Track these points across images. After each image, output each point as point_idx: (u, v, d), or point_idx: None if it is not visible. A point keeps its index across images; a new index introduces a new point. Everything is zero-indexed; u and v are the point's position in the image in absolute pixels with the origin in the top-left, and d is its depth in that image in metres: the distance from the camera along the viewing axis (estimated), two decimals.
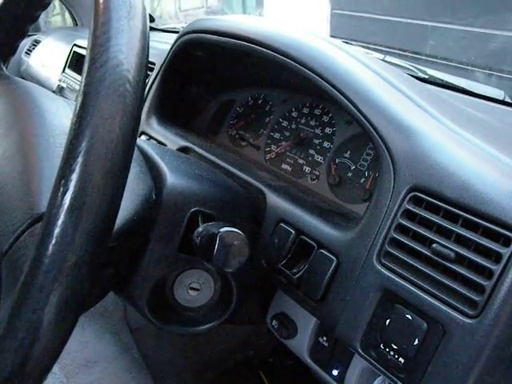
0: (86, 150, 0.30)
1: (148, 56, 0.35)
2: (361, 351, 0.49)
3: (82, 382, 0.94)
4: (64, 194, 0.30)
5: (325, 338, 0.63)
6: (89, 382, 0.95)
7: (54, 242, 0.30)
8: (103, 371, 0.99)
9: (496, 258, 0.41)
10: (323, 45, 0.60)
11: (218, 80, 0.89)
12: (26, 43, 1.88)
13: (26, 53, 1.85)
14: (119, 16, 0.33)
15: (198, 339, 1.17)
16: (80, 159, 0.30)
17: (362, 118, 0.53)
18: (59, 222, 0.30)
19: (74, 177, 0.30)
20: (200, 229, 0.50)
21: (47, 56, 1.69)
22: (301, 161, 0.75)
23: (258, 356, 1.26)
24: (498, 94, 0.87)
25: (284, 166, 0.77)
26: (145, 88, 0.34)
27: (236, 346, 1.24)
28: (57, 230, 0.30)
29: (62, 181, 0.30)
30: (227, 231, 0.46)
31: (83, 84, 0.31)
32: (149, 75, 0.93)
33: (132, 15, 0.34)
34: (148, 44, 0.35)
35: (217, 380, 1.23)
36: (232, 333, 1.21)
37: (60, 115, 0.53)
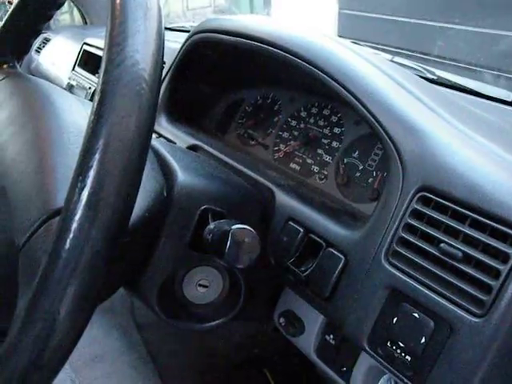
0: (103, 148, 0.31)
1: (163, 56, 0.35)
2: (368, 349, 0.50)
3: (89, 376, 0.95)
4: (81, 189, 0.31)
5: (331, 336, 0.63)
6: (96, 376, 0.97)
7: (71, 236, 0.30)
8: (110, 366, 1.00)
9: (503, 258, 0.42)
10: (333, 45, 0.61)
11: (228, 79, 0.90)
12: (36, 41, 1.89)
13: (36, 51, 1.86)
14: (136, 17, 0.34)
15: (204, 336, 1.18)
16: (97, 156, 0.31)
17: (371, 118, 0.53)
18: (77, 217, 0.30)
19: (92, 173, 0.31)
20: (211, 226, 0.51)
21: (57, 54, 1.70)
22: (309, 160, 0.76)
23: (264, 354, 1.27)
24: (507, 95, 0.87)
25: (292, 166, 0.78)
26: (160, 86, 0.35)
27: (242, 343, 1.25)
28: (74, 225, 0.30)
29: (80, 177, 0.31)
30: (239, 228, 0.47)
31: (100, 83, 0.32)
32: None
33: (148, 16, 0.34)
34: (163, 44, 0.36)
35: (222, 377, 1.24)
36: (238, 330, 1.22)
37: (73, 112, 0.54)
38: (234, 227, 0.47)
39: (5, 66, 0.66)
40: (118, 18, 0.34)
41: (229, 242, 0.46)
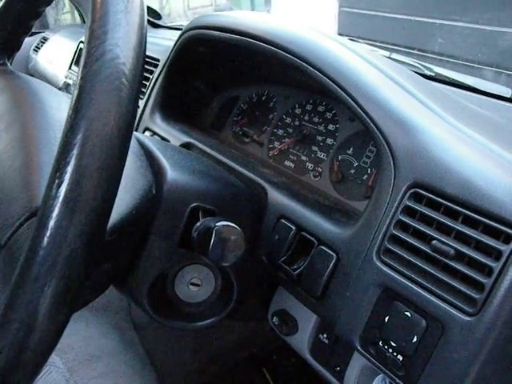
0: (81, 143, 0.30)
1: (145, 50, 0.35)
2: (360, 348, 0.49)
3: (85, 376, 0.94)
4: (59, 186, 0.30)
5: (325, 335, 0.63)
6: (92, 376, 0.96)
7: (48, 233, 0.30)
8: (107, 366, 1.00)
9: (496, 255, 0.41)
10: (325, 41, 0.60)
11: (222, 76, 0.89)
12: (34, 40, 1.89)
13: (34, 50, 1.86)
14: (116, 10, 0.33)
15: (201, 336, 1.18)
16: (75, 152, 0.30)
17: (362, 113, 0.52)
18: (54, 214, 0.30)
19: (69, 169, 0.30)
20: (198, 223, 0.50)
21: (54, 53, 1.70)
22: (304, 157, 0.75)
23: (262, 353, 1.26)
24: (506, 91, 0.86)
25: (287, 163, 0.77)
26: (141, 82, 0.34)
27: (240, 342, 1.24)
28: (51, 222, 0.30)
29: (57, 173, 0.30)
30: (223, 225, 0.46)
31: (79, 77, 0.31)
32: (153, 72, 0.93)
33: (129, 9, 0.34)
34: (145, 38, 0.35)
35: (220, 376, 1.23)
36: (236, 330, 1.21)
37: (62, 110, 0.53)
38: (218, 224, 0.46)
39: None
40: (98, 10, 0.33)
41: (212, 240, 0.45)
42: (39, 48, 1.83)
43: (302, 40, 0.60)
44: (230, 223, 0.46)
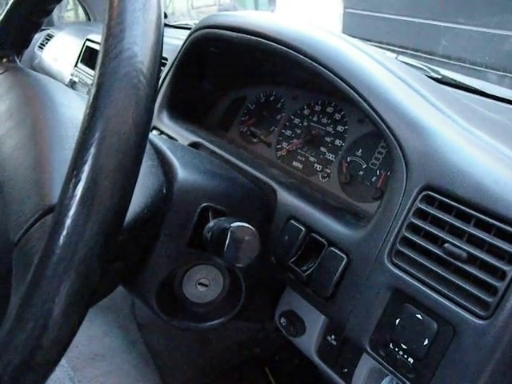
0: (99, 142, 0.30)
1: (162, 48, 0.34)
2: (369, 350, 0.49)
3: (89, 375, 0.94)
4: (76, 184, 0.30)
5: (333, 337, 0.63)
6: (96, 375, 0.96)
7: (65, 232, 0.30)
8: (110, 365, 1.00)
9: (510, 258, 0.41)
10: (337, 41, 0.60)
11: (230, 76, 0.89)
12: (39, 37, 1.89)
13: (39, 47, 1.86)
14: (134, 8, 0.33)
15: (204, 336, 1.17)
16: (92, 150, 0.30)
17: (375, 115, 0.52)
18: (70, 213, 0.30)
19: (86, 168, 0.30)
20: (211, 224, 0.50)
21: (60, 50, 1.70)
22: (312, 158, 0.75)
23: (265, 354, 1.26)
24: None
25: (295, 164, 0.77)
26: (158, 80, 0.34)
27: (243, 343, 1.24)
28: (68, 221, 0.30)
29: (74, 172, 0.30)
30: (238, 226, 0.46)
31: (97, 75, 0.31)
32: (161, 70, 0.93)
33: (147, 7, 0.33)
34: (162, 36, 0.35)
35: (223, 376, 1.23)
36: (239, 330, 1.21)
37: (72, 108, 0.53)
38: (233, 225, 0.46)
39: (4, 60, 0.65)
40: (115, 8, 0.33)
41: (227, 241, 0.45)
42: (44, 45, 1.83)
43: (312, 40, 0.60)
44: (245, 224, 0.46)
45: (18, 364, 0.32)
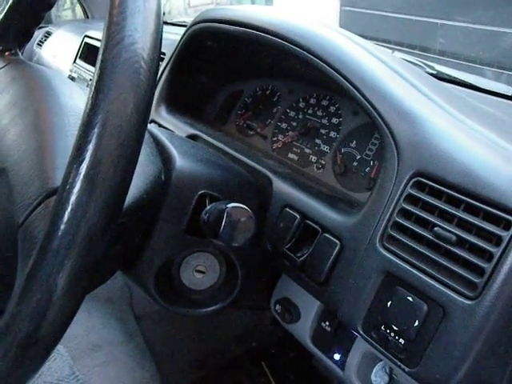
0: (102, 122, 0.31)
1: (162, 36, 0.36)
2: (362, 333, 0.50)
3: (88, 364, 0.95)
4: (80, 163, 0.31)
5: (327, 323, 0.64)
6: (94, 365, 0.97)
7: (69, 208, 0.31)
8: (108, 355, 1.01)
9: (496, 241, 0.42)
10: (331, 34, 0.61)
11: (227, 70, 0.91)
12: (37, 35, 1.90)
13: (38, 44, 1.87)
14: None
15: (201, 328, 1.19)
16: (96, 130, 0.31)
17: (367, 104, 0.54)
18: (75, 190, 0.31)
19: (90, 147, 0.31)
20: (208, 207, 0.51)
21: (59, 47, 1.71)
22: (307, 150, 0.76)
23: (261, 347, 1.28)
24: (507, 89, 0.87)
25: (290, 156, 0.78)
26: (158, 66, 0.36)
27: (239, 336, 1.25)
28: (72, 198, 0.31)
29: (79, 151, 0.31)
30: (234, 207, 0.47)
31: (100, 60, 0.33)
32: (160, 64, 0.94)
33: None
34: (162, 25, 0.36)
35: (219, 369, 1.24)
36: (235, 323, 1.22)
37: (74, 98, 0.54)
38: (229, 206, 0.47)
39: (7, 53, 0.66)
40: None
41: (224, 221, 0.47)
42: (43, 42, 1.84)
43: (308, 33, 0.61)
44: (241, 205, 0.48)
45: (24, 337, 0.33)
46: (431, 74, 0.89)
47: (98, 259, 0.33)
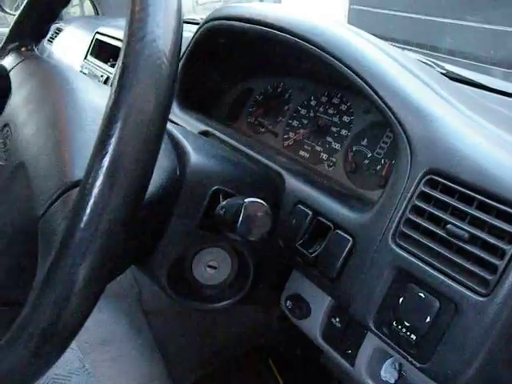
0: (125, 117, 0.32)
1: (182, 32, 0.36)
2: (374, 329, 0.51)
3: (97, 359, 0.96)
4: (103, 157, 0.32)
5: (337, 319, 0.64)
6: (103, 359, 0.98)
7: (92, 201, 0.32)
8: (117, 351, 1.02)
9: (509, 238, 0.42)
10: (344, 31, 0.62)
11: (239, 68, 0.91)
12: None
13: (49, 41, 1.88)
14: None
15: (209, 325, 1.19)
16: (119, 125, 0.32)
17: (380, 102, 0.54)
18: (98, 183, 0.32)
19: (113, 141, 0.32)
20: (224, 202, 0.52)
21: (69, 43, 1.72)
22: (318, 148, 0.77)
23: (268, 344, 1.28)
24: None
25: (301, 153, 0.79)
26: (179, 62, 0.36)
27: (247, 333, 1.26)
28: (95, 191, 0.32)
29: (101, 144, 0.32)
30: (252, 201, 0.48)
31: (123, 55, 0.33)
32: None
33: None
34: (182, 22, 0.37)
35: (226, 366, 1.25)
36: (243, 320, 1.23)
37: (90, 92, 0.55)
38: (246, 200, 0.48)
39: (23, 48, 0.67)
40: None
41: (241, 215, 0.47)
42: (53, 39, 1.85)
43: (321, 30, 0.62)
44: (259, 200, 0.48)
45: (45, 327, 0.34)
46: (442, 74, 0.89)
47: (118, 252, 0.34)
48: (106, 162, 0.32)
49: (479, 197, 0.45)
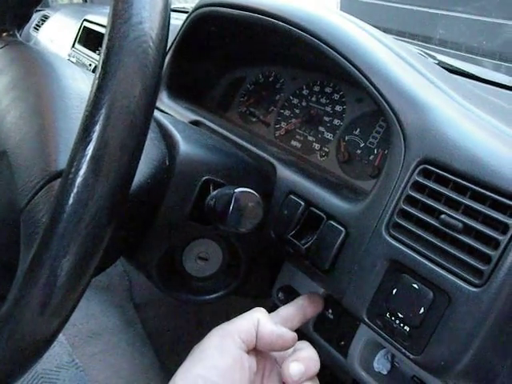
0: (110, 103, 0.31)
1: (170, 15, 0.35)
2: (367, 320, 0.50)
3: (87, 352, 0.95)
4: (87, 144, 0.30)
5: (330, 311, 0.64)
6: (93, 352, 0.97)
7: (75, 190, 0.30)
8: (107, 343, 1.01)
9: (503, 229, 0.42)
10: (338, 19, 0.60)
11: (230, 56, 0.90)
12: (34, 18, 1.87)
13: (35, 28, 1.84)
14: None
15: (201, 316, 1.19)
16: (103, 111, 0.30)
17: (374, 91, 0.53)
18: (81, 172, 0.30)
19: (97, 128, 0.30)
20: (214, 192, 0.51)
21: (56, 31, 1.69)
22: (310, 138, 0.76)
23: None
24: (508, 80, 0.87)
25: (293, 143, 0.78)
26: (166, 46, 0.35)
27: None
28: (79, 180, 0.30)
29: (85, 132, 0.31)
30: (243, 191, 0.47)
31: (107, 39, 0.32)
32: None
33: None
34: (170, 4, 0.35)
35: None
36: (235, 312, 1.22)
37: (75, 79, 0.53)
38: (237, 190, 0.47)
39: (4, 34, 0.65)
40: None
41: (231, 206, 0.46)
42: (40, 26, 1.81)
43: (315, 18, 0.60)
44: (249, 190, 0.47)
45: (28, 322, 0.32)
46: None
47: (104, 244, 0.33)
48: (89, 149, 0.30)
49: (473, 186, 0.44)
